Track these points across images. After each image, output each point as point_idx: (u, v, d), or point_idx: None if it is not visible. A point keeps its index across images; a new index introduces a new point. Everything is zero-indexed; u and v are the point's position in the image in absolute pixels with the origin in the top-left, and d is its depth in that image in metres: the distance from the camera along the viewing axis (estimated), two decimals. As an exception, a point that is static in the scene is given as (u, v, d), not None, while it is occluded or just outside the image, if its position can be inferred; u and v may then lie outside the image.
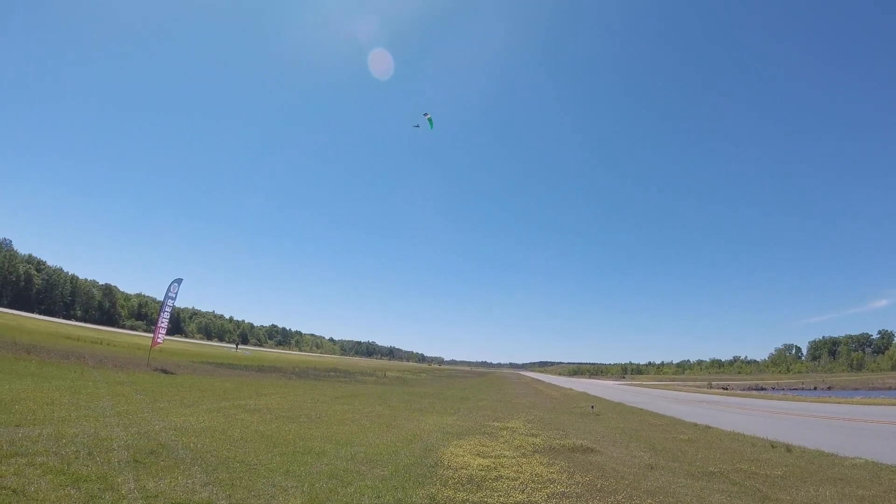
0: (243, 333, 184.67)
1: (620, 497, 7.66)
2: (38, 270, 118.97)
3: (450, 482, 8.20)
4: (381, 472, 8.58)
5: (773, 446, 13.16)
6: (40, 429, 8.15)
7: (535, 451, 11.44)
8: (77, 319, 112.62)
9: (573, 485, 8.40)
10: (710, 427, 17.72)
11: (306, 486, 7.26)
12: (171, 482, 6.55)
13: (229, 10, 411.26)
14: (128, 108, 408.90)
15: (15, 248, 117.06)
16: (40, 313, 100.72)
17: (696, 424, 18.66)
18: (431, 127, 30.70)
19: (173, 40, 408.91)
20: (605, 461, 10.81)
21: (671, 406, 30.61)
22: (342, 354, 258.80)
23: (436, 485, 7.97)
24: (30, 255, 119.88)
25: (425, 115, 28.89)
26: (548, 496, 7.61)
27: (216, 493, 6.38)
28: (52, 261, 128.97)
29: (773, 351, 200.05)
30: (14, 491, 5.26)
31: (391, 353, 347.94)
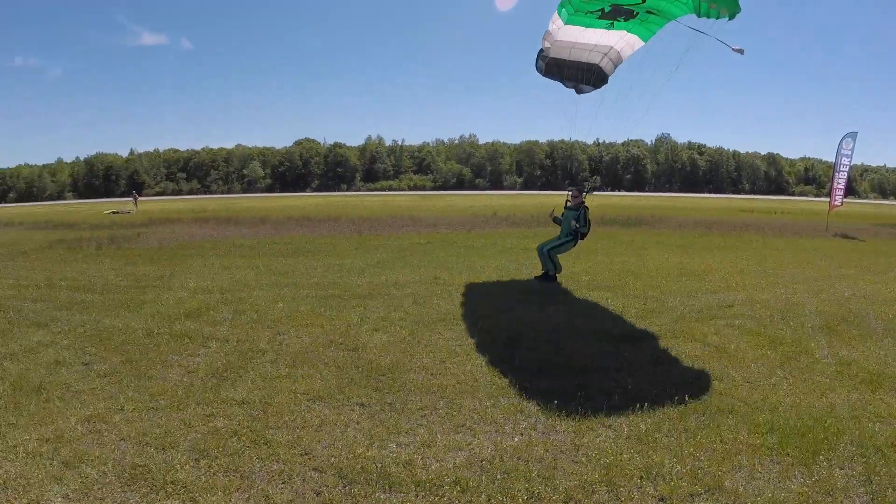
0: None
1: None
2: (700, 153, 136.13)
3: None
4: None
5: None
6: (734, 295, 9.69)
7: None
8: (745, 193, 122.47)
9: None
10: None
11: None
12: (863, 352, 6.60)
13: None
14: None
15: (674, 139, 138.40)
16: (709, 192, 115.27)
17: None
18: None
19: None
20: None
21: None
22: None
23: None
24: (689, 142, 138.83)
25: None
26: None
27: None
28: (710, 143, 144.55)
29: None
30: (716, 348, 6.64)
31: None
